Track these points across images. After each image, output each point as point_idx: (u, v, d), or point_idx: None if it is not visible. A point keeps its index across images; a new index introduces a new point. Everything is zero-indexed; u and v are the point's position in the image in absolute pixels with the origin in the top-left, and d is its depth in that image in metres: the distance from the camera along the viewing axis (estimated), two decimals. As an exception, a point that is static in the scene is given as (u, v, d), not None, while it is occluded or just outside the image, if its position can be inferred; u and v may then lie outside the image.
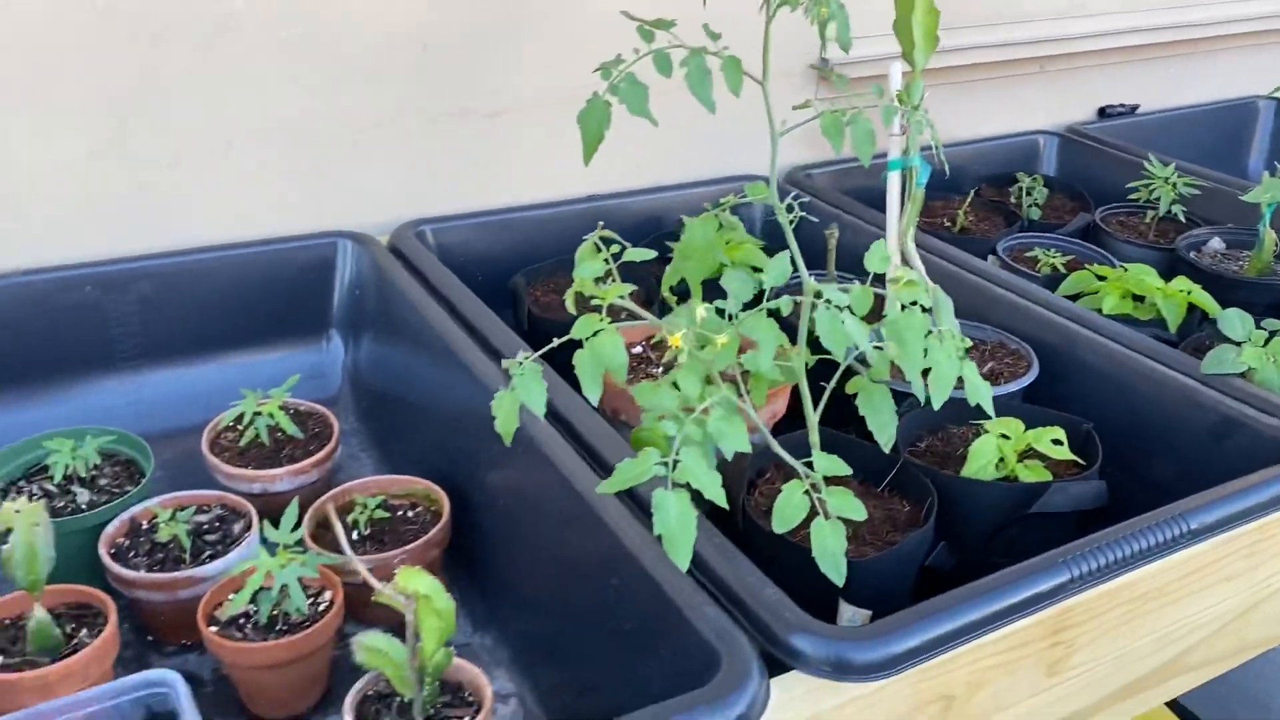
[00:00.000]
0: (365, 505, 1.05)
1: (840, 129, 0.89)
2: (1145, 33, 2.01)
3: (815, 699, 0.74)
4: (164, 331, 1.30)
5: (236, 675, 0.92)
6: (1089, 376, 1.18)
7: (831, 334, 0.78)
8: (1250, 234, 1.54)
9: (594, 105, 0.89)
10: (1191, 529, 0.89)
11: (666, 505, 0.78)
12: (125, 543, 1.02)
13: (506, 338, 1.16)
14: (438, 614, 0.72)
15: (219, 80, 1.29)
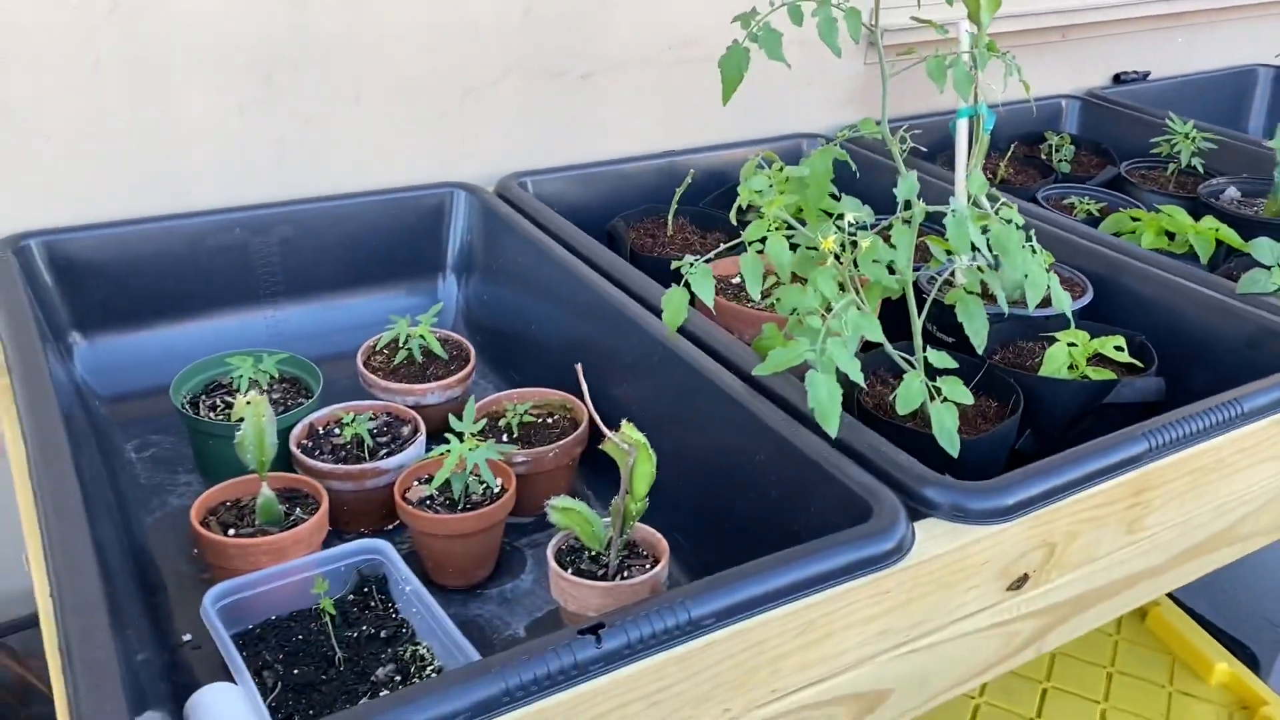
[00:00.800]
0: (515, 410, 1.20)
1: (943, 71, 1.04)
2: (1156, 3, 2.17)
3: (948, 539, 0.89)
4: (300, 270, 1.43)
5: (429, 546, 1.06)
6: (1137, 299, 1.34)
7: (959, 236, 0.93)
8: (1263, 182, 1.71)
9: (734, 51, 1.03)
10: (1245, 411, 1.05)
11: (818, 383, 0.93)
12: (309, 444, 1.16)
13: (623, 266, 1.30)
14: (650, 460, 0.87)
15: (351, 41, 1.42)
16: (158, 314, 1.36)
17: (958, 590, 0.91)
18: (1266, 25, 2.43)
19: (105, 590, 0.78)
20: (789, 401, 1.03)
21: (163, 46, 1.32)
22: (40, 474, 0.89)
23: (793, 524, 0.97)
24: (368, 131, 1.48)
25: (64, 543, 0.81)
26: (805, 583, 0.82)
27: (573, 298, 1.31)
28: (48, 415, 0.97)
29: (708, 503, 1.10)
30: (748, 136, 1.80)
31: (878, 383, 1.19)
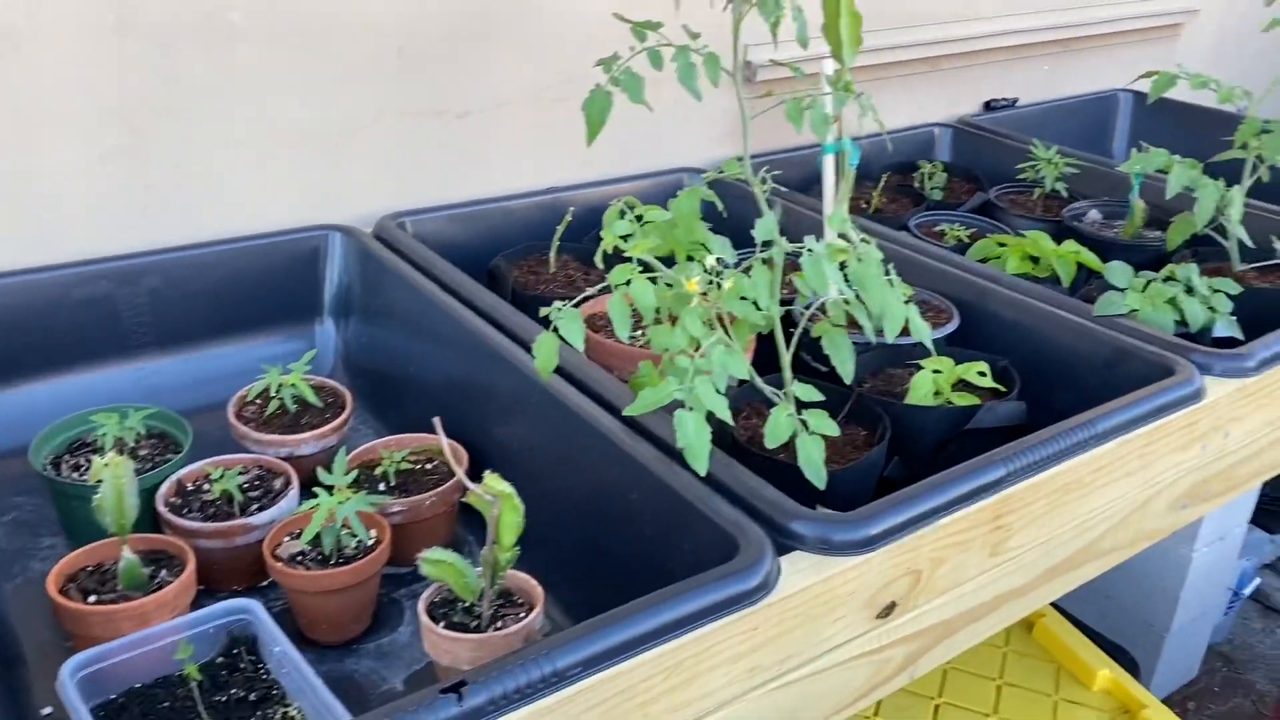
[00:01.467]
0: (391, 458, 1.19)
1: (800, 113, 1.06)
2: (1023, 34, 2.26)
3: (814, 572, 0.91)
4: (171, 320, 1.40)
5: (301, 604, 1.04)
6: (1001, 323, 1.38)
7: (815, 276, 0.95)
8: (1121, 205, 1.78)
9: (597, 95, 1.04)
10: (1098, 432, 1.09)
11: (686, 422, 0.94)
12: (177, 501, 1.13)
13: (503, 307, 1.30)
14: (516, 510, 0.87)
15: (220, 87, 1.40)
16: (20, 371, 1.32)
17: (825, 622, 0.92)
18: (1125, 52, 2.55)
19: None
20: (664, 440, 1.04)
21: (23, 95, 1.28)
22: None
23: (667, 562, 0.98)
24: (239, 177, 1.46)
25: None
26: (671, 625, 0.83)
27: (452, 339, 1.31)
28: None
29: (587, 542, 1.11)
30: (630, 172, 1.81)
31: (753, 414, 1.21)
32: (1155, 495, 1.22)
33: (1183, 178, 1.54)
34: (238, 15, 1.38)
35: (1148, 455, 1.17)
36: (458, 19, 1.56)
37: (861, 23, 1.29)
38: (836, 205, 1.37)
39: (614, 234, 0.92)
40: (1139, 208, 1.71)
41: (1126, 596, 2.04)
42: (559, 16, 1.64)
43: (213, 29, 1.37)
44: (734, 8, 1.07)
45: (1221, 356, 1.26)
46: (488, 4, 1.58)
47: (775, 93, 1.10)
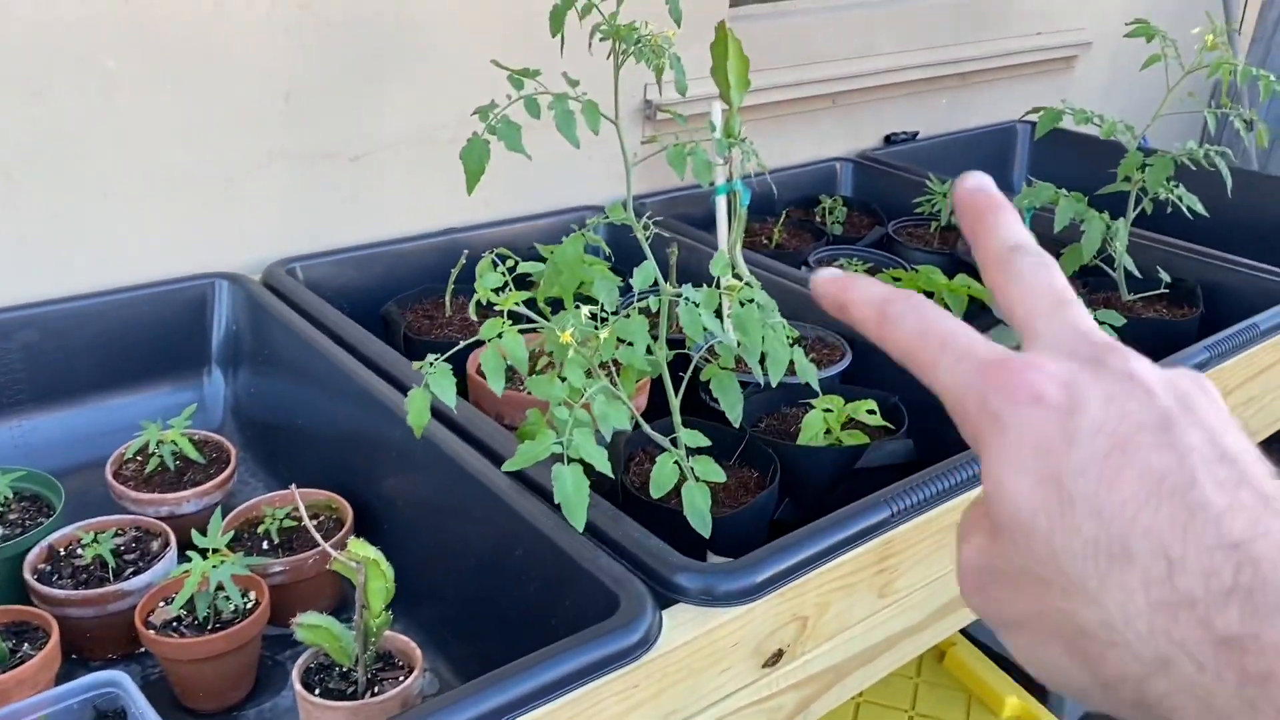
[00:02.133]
0: (274, 516, 1.15)
1: (683, 159, 1.07)
2: (921, 69, 2.30)
3: (696, 624, 0.90)
4: (50, 376, 1.35)
5: (176, 672, 1.01)
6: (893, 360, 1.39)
7: (691, 324, 0.95)
8: (1016, 237, 1.82)
9: (474, 144, 1.03)
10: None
11: (564, 477, 0.93)
12: (47, 568, 1.09)
13: (390, 356, 1.28)
14: (383, 576, 0.84)
15: (97, 134, 1.36)
16: (-116, 433, 1.26)
17: (710, 674, 0.91)
18: (1023, 85, 2.61)
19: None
20: (548, 492, 1.03)
21: (-123, 147, 1.24)
22: None
23: (550, 619, 0.97)
24: (120, 226, 1.42)
25: None
26: (549, 687, 0.81)
27: (339, 390, 1.28)
28: None
29: (476, 598, 1.08)
30: (532, 211, 1.80)
31: (646, 460, 1.20)
32: (1044, 528, 1.24)
33: (1069, 210, 1.58)
34: (114, 63, 1.35)
35: (1034, 490, 1.18)
36: (347, 61, 1.54)
37: (749, 65, 1.31)
38: (728, 245, 1.38)
39: (485, 287, 0.91)
40: (1030, 240, 1.74)
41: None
42: (451, 56, 1.63)
43: (88, 76, 1.34)
44: (613, 56, 1.07)
45: (1105, 389, 1.28)
46: (378, 46, 1.56)
47: (677, 133, 1.10)
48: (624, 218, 1.09)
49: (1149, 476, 0.35)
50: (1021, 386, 0.38)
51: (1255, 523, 0.33)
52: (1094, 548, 0.35)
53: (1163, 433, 0.35)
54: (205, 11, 1.40)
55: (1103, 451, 0.35)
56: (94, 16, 1.32)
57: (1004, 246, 0.44)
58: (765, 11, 2.12)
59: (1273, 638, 0.31)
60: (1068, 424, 0.36)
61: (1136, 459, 0.35)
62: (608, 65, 1.09)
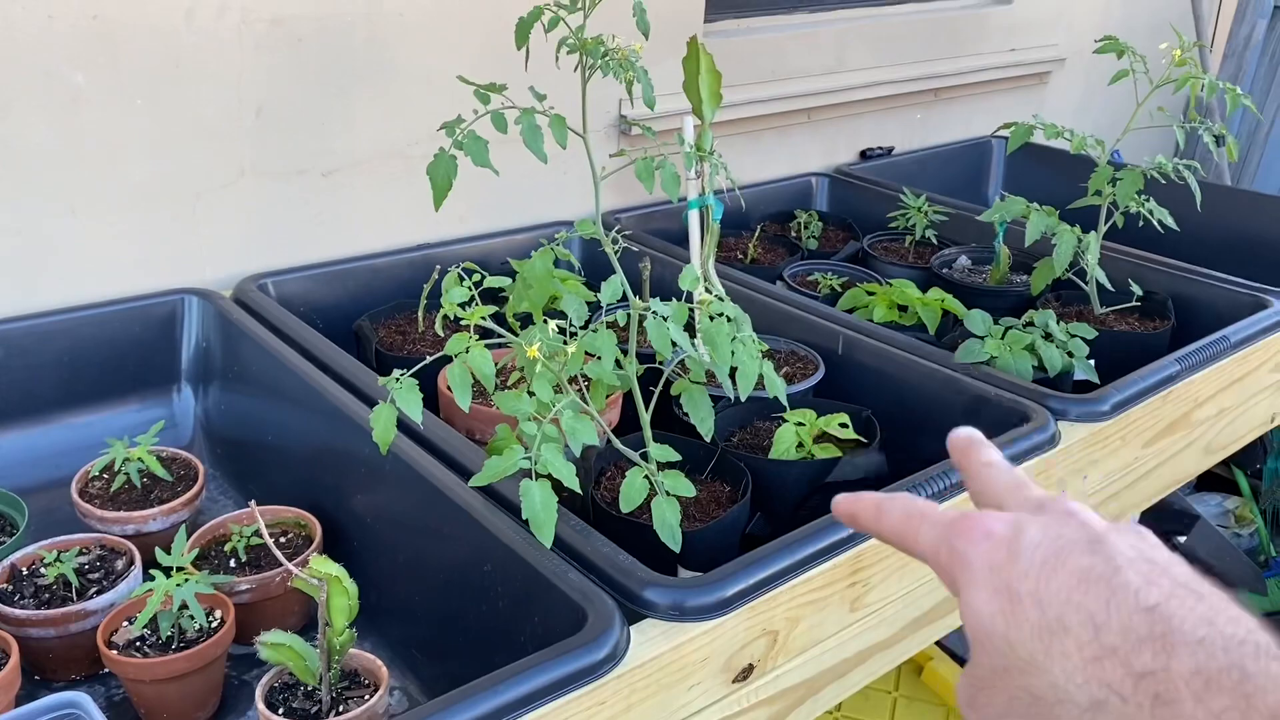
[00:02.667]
0: (242, 534, 1.14)
1: (651, 173, 1.06)
2: (896, 84, 2.31)
3: (665, 639, 0.89)
4: (16, 393, 1.34)
5: (139, 693, 0.99)
6: (866, 373, 1.39)
7: (659, 339, 0.95)
8: (989, 252, 1.83)
9: (441, 159, 1.03)
10: (954, 482, 1.10)
11: (531, 492, 0.92)
12: (9, 588, 1.07)
13: (361, 372, 1.27)
14: (346, 593, 0.83)
15: (63, 150, 1.35)
16: None
17: (679, 690, 0.91)
18: (997, 99, 2.63)
19: None
20: (517, 508, 1.02)
21: None
22: None
23: (519, 635, 0.96)
24: (87, 242, 1.40)
25: None
26: (515, 703, 0.80)
27: (309, 406, 1.27)
28: None
29: (446, 615, 1.07)
30: (506, 226, 1.80)
31: (618, 475, 1.19)
32: (1017, 541, 1.24)
33: (1040, 225, 1.58)
34: (82, 78, 1.34)
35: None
36: (318, 77, 1.53)
37: (721, 80, 1.31)
38: (700, 259, 1.38)
39: (452, 301, 0.90)
40: (1004, 254, 1.75)
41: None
42: (422, 74, 1.63)
43: (55, 92, 1.33)
44: (581, 70, 1.07)
45: (1077, 401, 1.28)
46: (349, 62, 1.56)
47: (648, 149, 1.10)
48: (593, 232, 1.09)
49: (1079, 571, 0.44)
50: (976, 528, 0.48)
51: (1169, 595, 0.42)
52: (1038, 629, 0.43)
53: (1093, 544, 0.45)
54: (175, 26, 1.39)
55: (1040, 559, 0.45)
56: (61, 30, 1.31)
57: (980, 462, 0.56)
58: (739, 27, 2.12)
59: (1178, 668, 0.39)
60: (1013, 545, 0.46)
61: (1069, 561, 0.44)
62: (577, 82, 1.09)
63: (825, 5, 2.28)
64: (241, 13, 1.44)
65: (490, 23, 1.67)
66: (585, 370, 1.02)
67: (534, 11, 1.03)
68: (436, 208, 1.05)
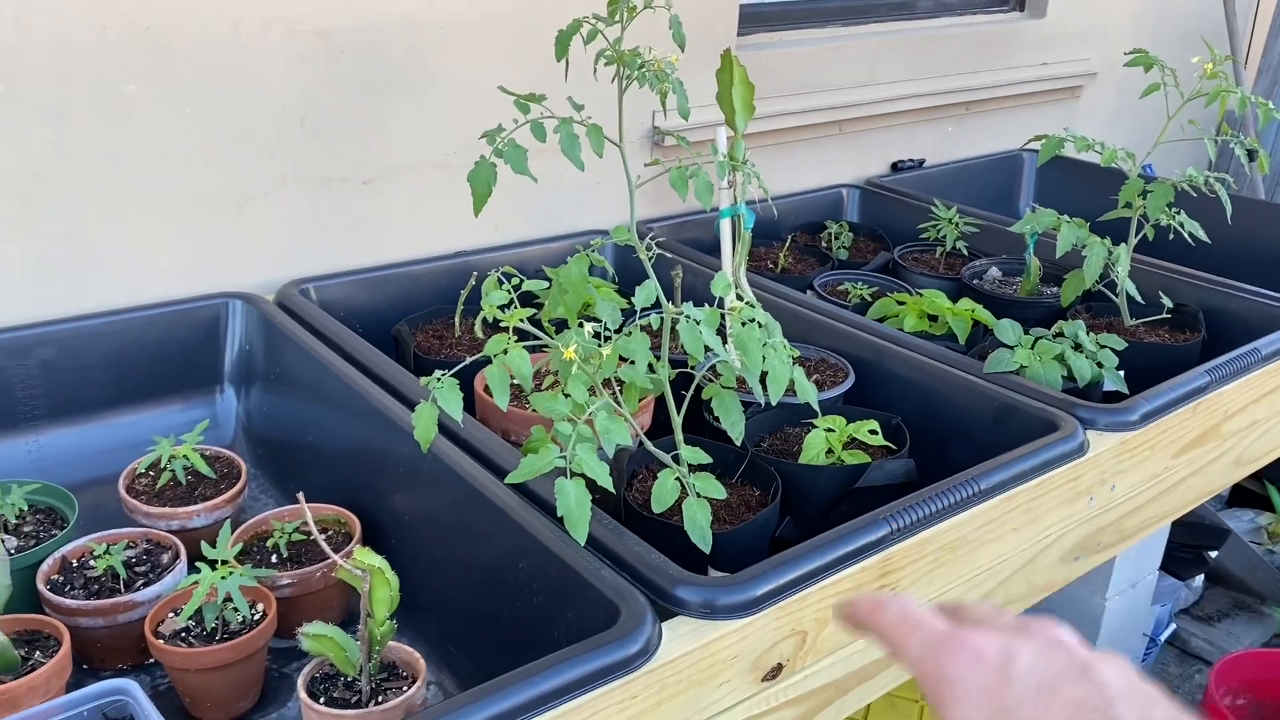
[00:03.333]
0: (283, 530, 1.17)
1: (685, 181, 1.09)
2: (928, 97, 2.33)
3: (695, 636, 0.91)
4: (66, 392, 1.38)
5: (184, 682, 1.02)
6: (896, 381, 1.41)
7: (692, 342, 0.97)
8: (1020, 263, 1.83)
9: (482, 166, 1.06)
10: (982, 489, 1.12)
11: (566, 490, 0.94)
12: (60, 579, 1.11)
13: (400, 375, 1.30)
14: (388, 584, 0.86)
15: (114, 157, 1.39)
16: (-97, 446, 1.29)
17: (709, 687, 0.93)
18: (1029, 112, 2.64)
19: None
20: (552, 507, 1.04)
21: (-97, 168, 1.27)
22: None
23: (553, 631, 0.98)
24: (137, 246, 1.45)
25: None
26: (549, 695, 0.82)
27: (350, 407, 1.30)
28: None
29: (481, 611, 1.10)
30: (540, 235, 1.83)
31: (649, 477, 1.21)
32: (1045, 549, 1.25)
33: (1071, 236, 1.59)
34: (134, 88, 1.38)
35: (1034, 510, 1.20)
36: (360, 88, 1.57)
37: (754, 91, 1.34)
38: (732, 267, 1.40)
39: (491, 304, 0.93)
40: (1034, 266, 1.76)
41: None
42: (461, 83, 1.67)
43: (108, 101, 1.37)
44: (618, 81, 1.10)
45: (1105, 411, 1.29)
46: (390, 73, 1.59)
47: (682, 159, 1.12)
48: (627, 238, 1.11)
49: (1075, 701, 0.47)
50: (966, 649, 0.51)
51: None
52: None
53: (1083, 674, 0.48)
54: (223, 38, 1.43)
55: (1035, 686, 0.48)
56: (115, 42, 1.36)
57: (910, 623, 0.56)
58: (773, 40, 2.15)
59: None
60: (1004, 670, 0.49)
61: (1062, 690, 0.48)
62: (613, 93, 1.11)
63: (858, 19, 2.30)
64: (286, 25, 1.48)
65: (526, 36, 1.70)
66: (619, 374, 1.04)
67: (573, 24, 1.06)
68: (476, 213, 1.08)
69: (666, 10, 1.04)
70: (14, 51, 1.29)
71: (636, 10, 1.03)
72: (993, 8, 2.59)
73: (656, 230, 1.90)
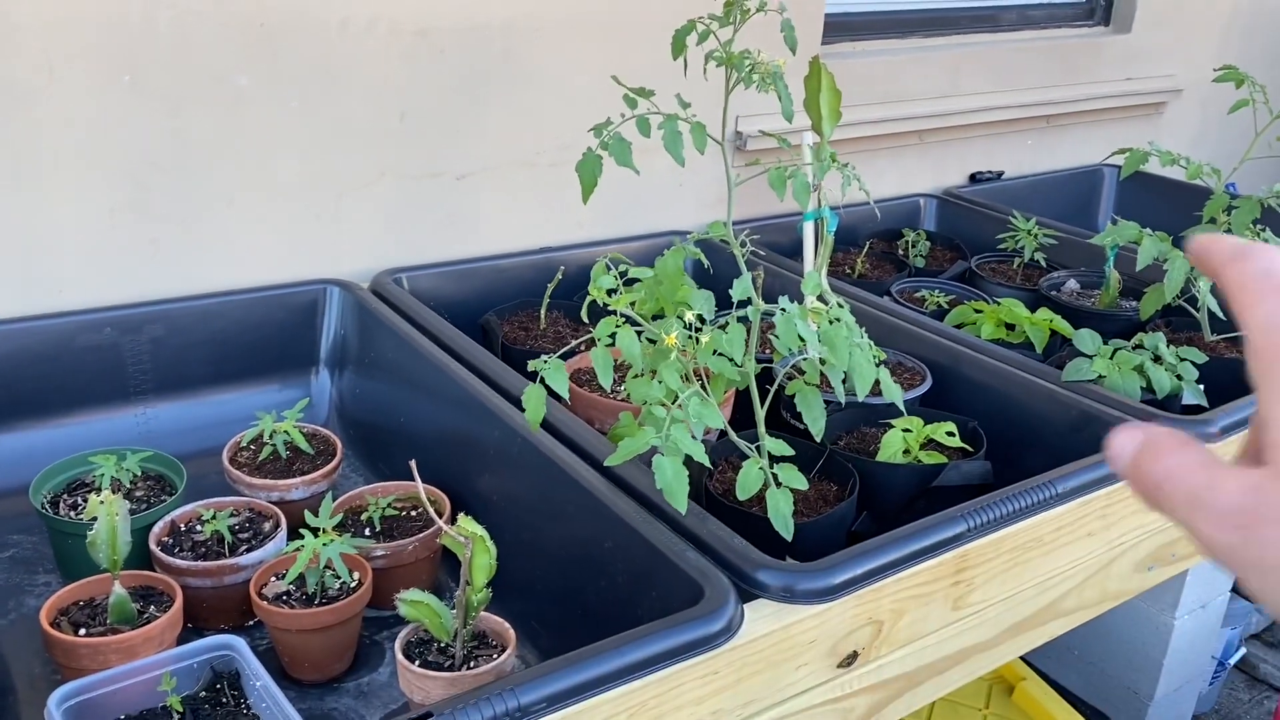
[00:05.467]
0: (377, 504, 1.22)
1: (783, 181, 1.12)
2: (1009, 109, 2.33)
3: (776, 619, 0.94)
4: (172, 368, 1.45)
5: (285, 642, 1.08)
6: (973, 386, 1.43)
7: (787, 335, 1.00)
8: (1098, 276, 1.84)
9: (589, 158, 1.10)
10: (1058, 492, 1.13)
11: (664, 465, 0.98)
12: (169, 541, 1.17)
13: (492, 362, 1.35)
14: (488, 552, 0.91)
15: (225, 145, 1.47)
16: (23, 414, 1.36)
17: (787, 669, 0.96)
18: (1110, 127, 2.62)
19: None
20: (639, 490, 1.08)
21: (36, 149, 1.35)
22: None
23: (637, 608, 1.02)
24: (242, 232, 1.52)
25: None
26: (635, 666, 0.86)
27: (441, 392, 1.35)
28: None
29: (563, 589, 1.14)
30: (622, 234, 1.87)
31: (728, 469, 1.25)
32: (1118, 556, 1.26)
33: (1152, 250, 1.60)
34: (246, 80, 1.45)
35: (1109, 516, 1.21)
36: (457, 86, 1.63)
37: (841, 98, 1.36)
38: (815, 269, 1.43)
39: (600, 288, 0.97)
40: (1114, 278, 1.77)
41: (1109, 663, 2.06)
42: (553, 84, 1.72)
43: (221, 91, 1.44)
44: (725, 81, 1.13)
45: (1186, 422, 1.30)
46: (487, 71, 1.65)
47: (762, 162, 1.16)
48: (723, 234, 1.15)
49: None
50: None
51: None
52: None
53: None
54: (330, 35, 1.50)
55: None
56: (230, 37, 1.43)
57: None
58: (855, 49, 2.17)
59: None
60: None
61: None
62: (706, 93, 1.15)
63: (940, 30, 2.31)
64: (390, 24, 1.54)
65: (616, 39, 1.74)
66: (708, 364, 1.08)
67: (687, 25, 1.10)
68: (584, 201, 1.12)
69: (779, 13, 1.07)
70: (139, 43, 1.37)
71: (750, 13, 1.06)
72: (1077, 21, 2.58)
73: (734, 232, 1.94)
